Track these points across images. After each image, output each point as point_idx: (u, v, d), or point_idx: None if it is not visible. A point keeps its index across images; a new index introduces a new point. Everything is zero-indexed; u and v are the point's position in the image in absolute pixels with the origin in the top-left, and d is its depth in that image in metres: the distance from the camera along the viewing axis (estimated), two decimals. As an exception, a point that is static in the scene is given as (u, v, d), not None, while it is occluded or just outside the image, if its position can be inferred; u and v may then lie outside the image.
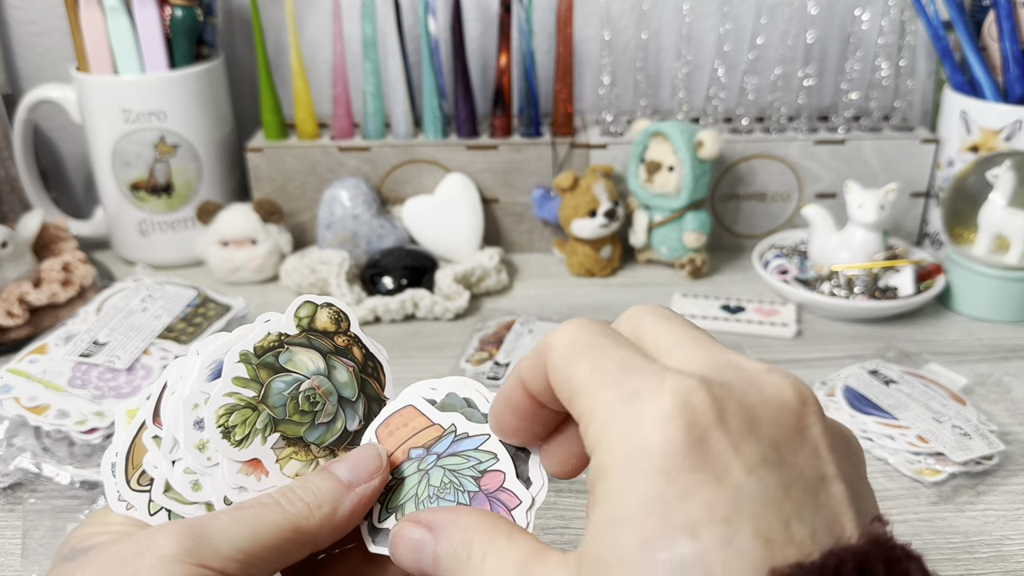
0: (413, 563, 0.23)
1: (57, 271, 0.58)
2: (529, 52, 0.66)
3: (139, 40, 0.63)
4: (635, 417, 0.18)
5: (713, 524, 0.17)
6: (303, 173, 0.68)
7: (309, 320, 0.27)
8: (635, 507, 0.17)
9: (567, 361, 0.21)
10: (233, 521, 0.23)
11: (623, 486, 0.18)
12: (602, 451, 0.19)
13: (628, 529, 0.17)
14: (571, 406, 0.21)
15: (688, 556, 0.16)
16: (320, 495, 0.25)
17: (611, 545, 0.18)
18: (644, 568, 0.17)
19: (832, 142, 0.67)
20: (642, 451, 0.18)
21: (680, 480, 0.17)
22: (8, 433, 0.45)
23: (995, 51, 0.62)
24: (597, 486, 0.19)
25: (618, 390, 0.19)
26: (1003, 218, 0.57)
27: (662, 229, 0.65)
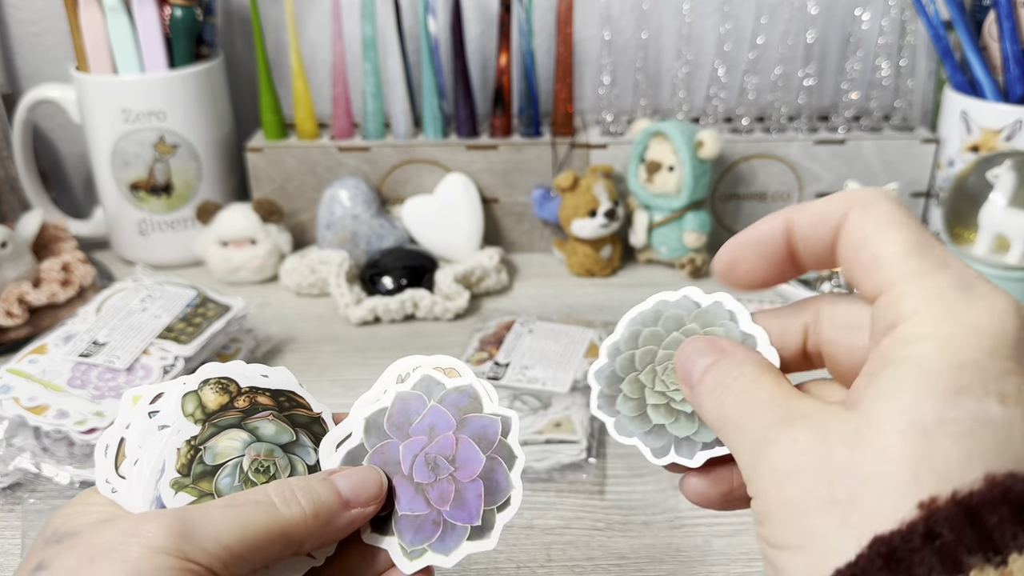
0: (687, 368, 0.24)
1: (57, 271, 0.58)
2: (529, 52, 0.66)
3: (139, 40, 0.63)
4: (969, 303, 0.19)
5: (1020, 403, 0.18)
6: (303, 173, 0.68)
7: (201, 410, 0.26)
8: (953, 366, 0.18)
9: (883, 227, 0.21)
10: (223, 517, 0.23)
11: (943, 350, 0.19)
12: (919, 322, 0.19)
13: (942, 379, 0.18)
14: (868, 268, 0.21)
15: (994, 416, 0.18)
16: (318, 505, 0.24)
17: (918, 385, 0.18)
18: (951, 407, 0.18)
19: (832, 142, 0.67)
20: (973, 328, 0.19)
21: (1001, 362, 0.19)
22: (7, 433, 0.44)
23: (995, 51, 0.62)
24: (900, 349, 0.19)
25: (946, 273, 0.20)
26: (1003, 218, 0.56)
27: (662, 229, 0.65)
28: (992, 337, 0.19)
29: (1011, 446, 0.18)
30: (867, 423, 0.19)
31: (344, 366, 0.55)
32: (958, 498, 0.17)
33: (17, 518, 0.42)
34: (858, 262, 0.21)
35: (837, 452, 0.19)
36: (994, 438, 0.18)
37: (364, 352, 0.57)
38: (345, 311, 0.60)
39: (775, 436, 0.20)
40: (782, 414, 0.21)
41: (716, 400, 0.23)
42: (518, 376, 0.50)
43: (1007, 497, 0.17)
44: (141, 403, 0.26)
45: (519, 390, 0.49)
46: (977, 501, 0.17)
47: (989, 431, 0.18)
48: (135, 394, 0.27)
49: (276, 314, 0.61)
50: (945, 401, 0.18)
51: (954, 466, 0.17)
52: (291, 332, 0.59)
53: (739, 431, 0.21)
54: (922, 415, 0.18)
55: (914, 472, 0.18)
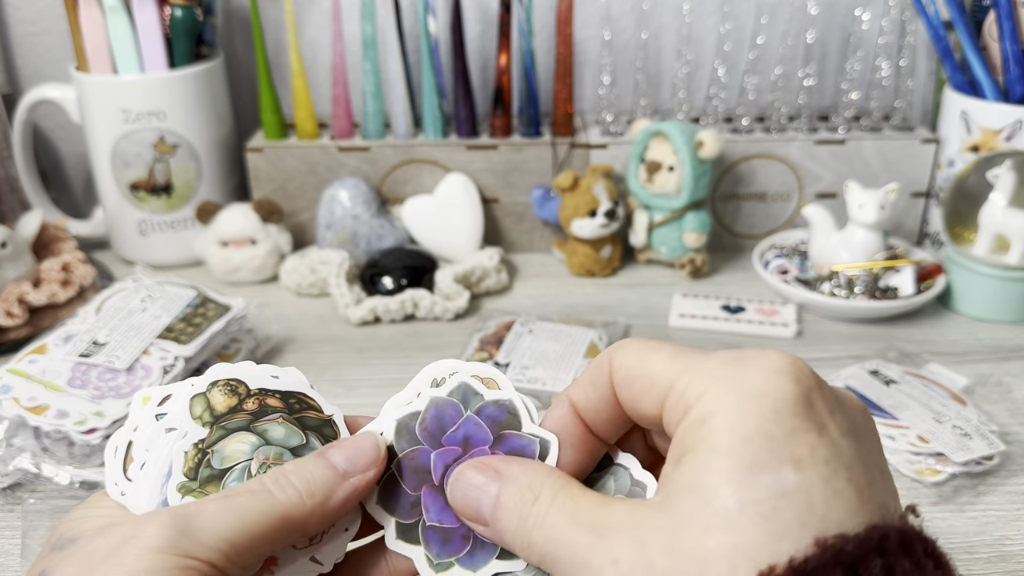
0: (472, 506, 0.23)
1: (57, 271, 0.58)
2: (529, 52, 0.66)
3: (139, 40, 0.63)
4: (745, 370, 0.20)
5: (816, 464, 0.18)
6: (303, 173, 0.68)
7: (209, 412, 0.25)
8: (743, 439, 0.19)
9: (641, 358, 0.22)
10: (220, 510, 0.22)
11: (730, 423, 0.19)
12: (705, 402, 0.20)
13: (733, 457, 0.18)
14: (647, 392, 0.22)
15: (792, 485, 0.18)
16: (313, 483, 0.24)
17: (714, 471, 0.19)
18: (749, 488, 0.18)
19: (832, 142, 0.67)
20: (753, 395, 0.19)
21: (788, 422, 0.19)
22: (7, 433, 0.44)
23: (995, 51, 0.62)
24: (693, 433, 0.20)
25: (717, 359, 0.21)
26: (1003, 218, 0.56)
27: (662, 229, 0.65)
28: (772, 399, 0.19)
29: (814, 511, 0.18)
30: (677, 523, 0.19)
31: (344, 366, 0.55)
32: (795, 564, 0.17)
33: (17, 518, 0.42)
34: (636, 393, 0.22)
35: (657, 562, 0.19)
36: (796, 509, 0.18)
37: (364, 352, 0.57)
38: (345, 311, 0.60)
39: (597, 561, 0.20)
40: (594, 532, 0.20)
41: (525, 539, 0.22)
42: (518, 376, 0.50)
43: (839, 559, 0.17)
44: (149, 404, 0.26)
45: (519, 390, 0.49)
46: (812, 566, 0.17)
47: (790, 503, 0.18)
48: (145, 395, 0.26)
49: (276, 314, 0.61)
50: (742, 483, 0.18)
51: (763, 548, 0.18)
52: (291, 332, 0.59)
53: (560, 564, 0.21)
54: (724, 503, 0.18)
55: (731, 566, 0.18)
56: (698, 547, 0.18)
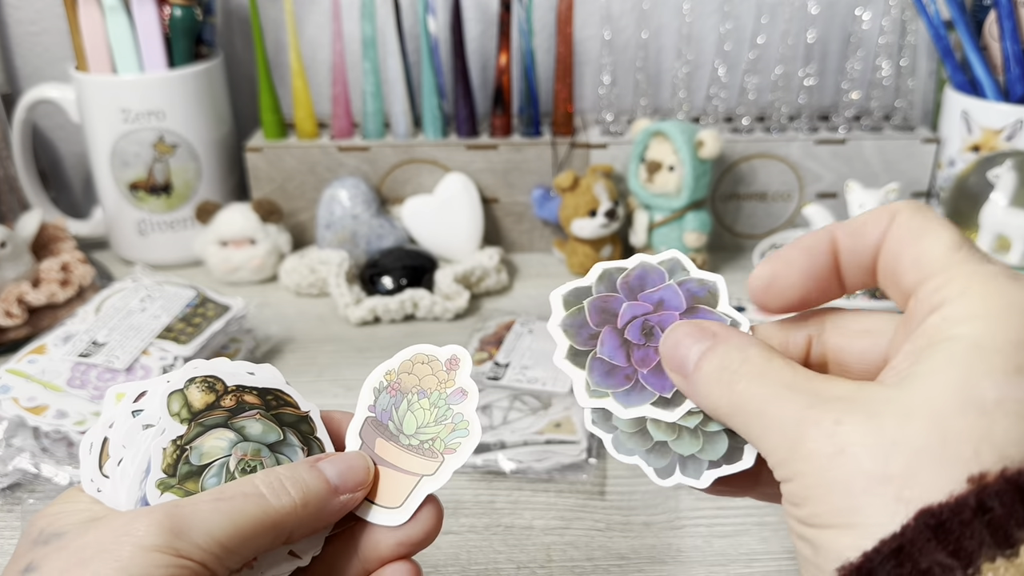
0: (680, 354, 0.23)
1: (56, 271, 0.58)
2: (529, 51, 0.66)
3: (138, 39, 0.63)
4: (1016, 285, 0.20)
5: None
6: (302, 173, 0.68)
7: (187, 409, 0.25)
8: (1010, 343, 0.18)
9: (925, 230, 0.21)
10: (214, 511, 0.22)
11: (997, 327, 0.19)
12: (970, 300, 0.19)
13: (1000, 356, 0.18)
14: (909, 267, 0.21)
15: None
16: (307, 494, 0.24)
17: (975, 363, 0.18)
18: (1012, 386, 0.18)
19: (833, 142, 0.67)
20: (1021, 308, 0.19)
21: None
22: (7, 433, 0.44)
23: (996, 50, 0.61)
24: (953, 326, 0.19)
25: (991, 264, 0.20)
26: (1004, 218, 0.56)
27: (662, 229, 0.65)
28: None
29: None
30: (919, 399, 0.18)
31: (344, 366, 0.55)
32: (1007, 475, 0.17)
33: (16, 518, 0.42)
34: (899, 264, 0.22)
35: (888, 429, 0.18)
36: None
37: (364, 352, 0.57)
38: (345, 311, 0.60)
39: (815, 418, 0.19)
40: (814, 397, 0.20)
41: (723, 388, 0.22)
42: (518, 376, 0.50)
43: None
44: (125, 401, 0.26)
45: (519, 390, 0.49)
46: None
47: None
48: (118, 391, 0.26)
49: (276, 314, 0.61)
50: (1004, 380, 0.18)
51: (1013, 445, 0.17)
52: (291, 332, 0.59)
53: (761, 418, 0.20)
54: (981, 393, 0.18)
55: (974, 449, 0.17)
56: (943, 424, 0.18)
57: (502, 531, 0.41)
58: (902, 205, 0.22)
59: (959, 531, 0.17)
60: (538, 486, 0.44)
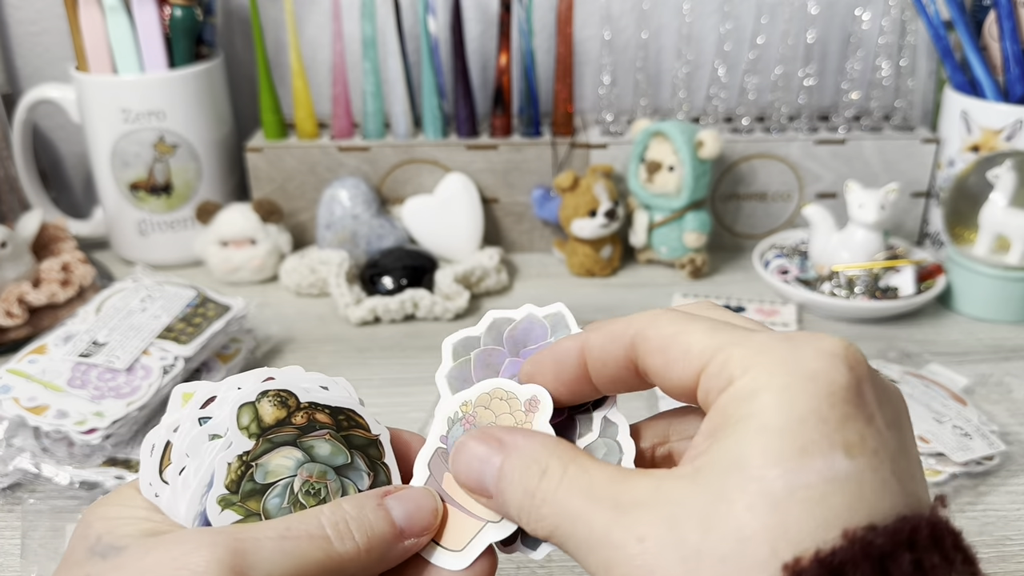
0: (474, 478, 0.23)
1: (56, 271, 0.58)
2: (529, 52, 0.66)
3: (138, 40, 0.63)
4: (798, 350, 0.19)
5: (865, 453, 0.18)
6: (302, 173, 0.68)
7: (256, 423, 0.25)
8: (796, 419, 0.18)
9: (678, 328, 0.21)
10: (277, 551, 0.22)
11: (783, 402, 0.19)
12: (753, 377, 0.19)
13: (785, 437, 0.18)
14: (681, 360, 0.21)
15: (843, 471, 0.18)
16: (373, 538, 0.23)
17: (762, 449, 0.18)
18: (800, 471, 0.18)
19: (833, 142, 0.67)
20: (807, 376, 0.19)
21: (840, 408, 0.18)
22: (7, 433, 0.44)
23: (996, 51, 0.62)
24: (738, 407, 0.19)
25: (763, 335, 0.20)
26: (1004, 218, 0.56)
27: (662, 229, 0.65)
28: (827, 383, 0.19)
29: (864, 501, 0.18)
30: (716, 499, 0.18)
31: (344, 366, 0.55)
32: (821, 556, 0.17)
33: (17, 518, 0.42)
34: (668, 365, 0.21)
35: (690, 539, 0.18)
36: (846, 496, 0.17)
37: (364, 352, 0.57)
38: (345, 311, 0.60)
39: (619, 538, 0.19)
40: (614, 506, 0.19)
41: (533, 513, 0.21)
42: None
43: (867, 552, 0.17)
44: (192, 404, 0.25)
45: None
46: (839, 560, 0.17)
47: (840, 490, 0.17)
48: (186, 391, 0.25)
49: (276, 314, 0.61)
50: (793, 465, 0.18)
51: (808, 535, 0.17)
52: (291, 332, 0.59)
53: (575, 540, 0.20)
54: (771, 485, 0.18)
55: (772, 549, 0.17)
56: (738, 527, 0.17)
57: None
58: (643, 319, 0.22)
59: None
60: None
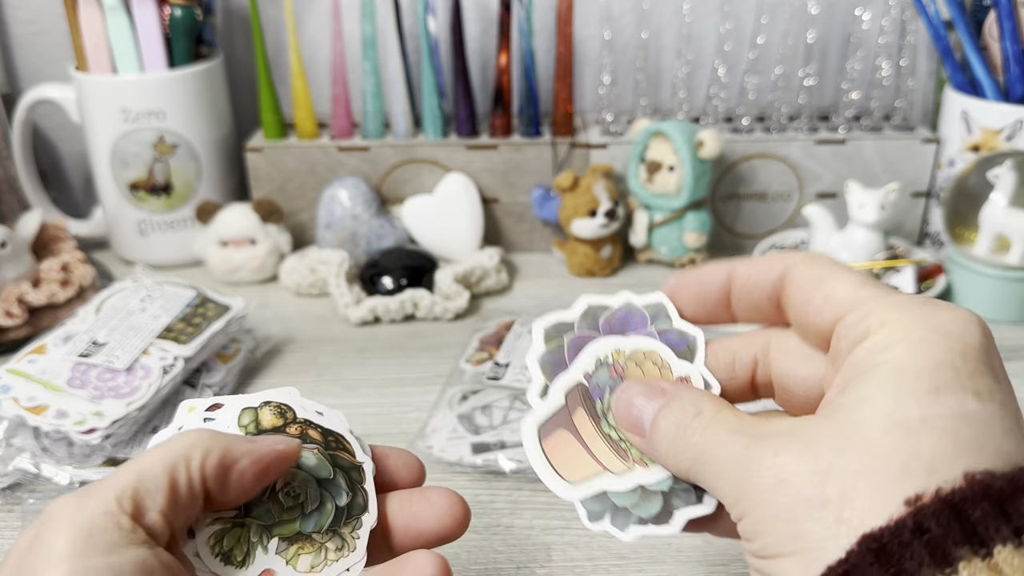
0: (634, 415, 0.24)
1: (56, 271, 0.58)
2: (529, 51, 0.66)
3: (138, 39, 0.63)
4: (934, 312, 0.21)
5: (994, 401, 0.19)
6: (302, 173, 0.68)
7: (255, 424, 0.27)
8: (929, 366, 0.19)
9: (829, 271, 0.23)
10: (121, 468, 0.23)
11: (917, 351, 0.20)
12: (891, 330, 0.20)
13: (921, 377, 0.19)
14: (821, 305, 0.22)
15: (974, 412, 0.19)
16: (219, 432, 0.24)
17: (898, 386, 0.19)
18: (934, 404, 0.19)
19: (833, 142, 0.67)
20: (943, 333, 0.20)
21: (972, 363, 0.20)
22: (7, 433, 0.44)
23: (996, 51, 0.62)
24: (875, 356, 0.20)
25: (904, 295, 0.22)
26: (1004, 218, 0.56)
27: (662, 229, 0.65)
28: (961, 341, 0.20)
29: (991, 440, 0.18)
30: (851, 426, 0.19)
31: (344, 366, 0.55)
32: (942, 495, 0.17)
33: (17, 518, 0.42)
34: (810, 303, 0.23)
35: (823, 457, 0.19)
36: (975, 432, 0.18)
37: (364, 352, 0.57)
38: (345, 311, 0.60)
39: (756, 455, 0.20)
40: (756, 436, 0.21)
41: (681, 443, 0.23)
42: (518, 376, 0.50)
43: (987, 493, 0.17)
44: (196, 412, 0.27)
45: (519, 390, 0.49)
46: (960, 498, 0.17)
47: (971, 426, 0.18)
48: (191, 405, 0.27)
49: (276, 314, 0.61)
50: (927, 399, 0.19)
51: (940, 460, 0.18)
52: (291, 332, 0.59)
53: (714, 463, 0.22)
54: (906, 413, 0.19)
55: (904, 467, 0.18)
56: (871, 448, 0.19)
57: (502, 531, 0.41)
58: (797, 256, 0.24)
59: (899, 553, 0.17)
60: (538, 486, 0.44)
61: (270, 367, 0.55)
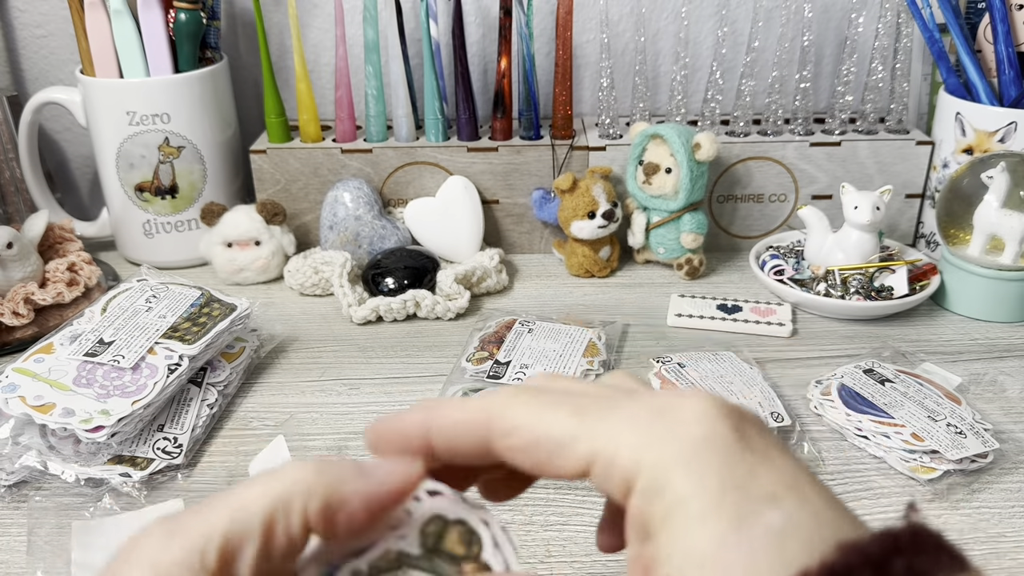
0: None
1: (62, 271, 0.59)
2: (529, 55, 0.67)
3: (144, 43, 0.64)
4: (673, 424, 0.19)
5: (787, 492, 0.18)
6: (306, 175, 0.69)
7: (436, 539, 0.23)
8: (714, 497, 0.18)
9: (537, 418, 0.20)
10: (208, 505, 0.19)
11: (691, 487, 0.18)
12: (649, 467, 0.19)
13: (716, 518, 0.18)
14: (558, 455, 0.20)
15: (779, 522, 0.18)
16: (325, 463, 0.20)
17: (701, 539, 0.18)
18: (745, 545, 0.17)
19: (828, 144, 0.67)
20: (697, 449, 0.18)
21: (742, 463, 0.18)
22: (14, 431, 0.45)
23: (990, 54, 0.62)
24: (654, 505, 0.19)
25: (629, 410, 0.19)
26: (997, 219, 0.57)
27: (660, 230, 0.66)
28: (721, 447, 0.19)
29: (815, 533, 0.18)
30: None
31: (347, 365, 0.56)
32: (825, 564, 0.17)
33: (23, 515, 0.43)
34: (545, 457, 0.20)
35: None
36: (798, 539, 0.17)
37: (367, 351, 0.58)
38: (348, 311, 0.60)
39: None
40: None
41: None
42: (518, 374, 0.51)
43: (867, 559, 0.17)
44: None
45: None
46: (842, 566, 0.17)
47: (791, 535, 0.17)
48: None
49: (280, 314, 0.62)
50: (740, 540, 0.17)
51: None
52: (295, 331, 0.60)
53: None
54: (736, 565, 0.17)
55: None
56: None
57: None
58: (490, 405, 0.21)
59: None
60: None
61: (274, 366, 0.56)
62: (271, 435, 0.49)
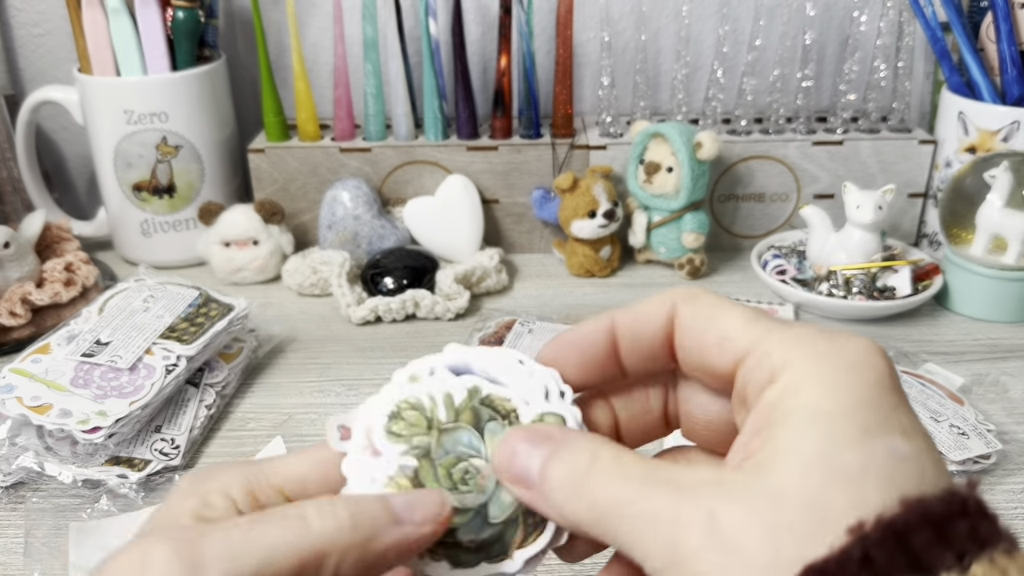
0: (519, 463, 0.21)
1: (60, 271, 0.58)
2: (529, 54, 0.67)
3: (141, 42, 0.63)
4: (836, 344, 0.20)
5: (918, 436, 0.19)
6: (304, 174, 0.69)
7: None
8: (848, 408, 0.18)
9: (716, 310, 0.22)
10: (241, 542, 0.19)
11: (831, 393, 0.19)
12: (796, 370, 0.19)
13: (848, 421, 0.18)
14: (716, 347, 0.21)
15: (905, 451, 0.18)
16: (360, 515, 0.20)
17: (826, 434, 0.18)
18: (869, 452, 0.18)
19: (830, 143, 0.67)
20: (850, 367, 0.19)
21: (888, 396, 0.19)
22: (11, 432, 0.45)
23: (993, 52, 0.62)
24: (788, 400, 0.19)
25: (798, 328, 0.21)
26: (1000, 219, 0.57)
27: (661, 229, 0.66)
28: (872, 373, 0.19)
29: (926, 478, 0.18)
30: (788, 481, 0.18)
31: (345, 365, 0.56)
32: (883, 521, 0.17)
33: (20, 517, 0.43)
34: (703, 345, 0.21)
35: (765, 515, 0.18)
36: (911, 474, 0.18)
37: (365, 352, 0.57)
38: (347, 311, 0.60)
39: (689, 514, 0.18)
40: (678, 488, 0.19)
41: (579, 496, 0.20)
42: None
43: (927, 519, 0.17)
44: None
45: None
46: (902, 525, 0.17)
47: (906, 468, 0.18)
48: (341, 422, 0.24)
49: (278, 314, 0.62)
50: (859, 446, 0.18)
51: (888, 510, 0.17)
52: (293, 332, 0.60)
53: (629, 520, 0.19)
54: (843, 465, 0.18)
55: (860, 522, 0.17)
56: (817, 503, 0.17)
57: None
58: (678, 294, 0.22)
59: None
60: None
61: (272, 366, 0.56)
62: (269, 436, 0.48)
